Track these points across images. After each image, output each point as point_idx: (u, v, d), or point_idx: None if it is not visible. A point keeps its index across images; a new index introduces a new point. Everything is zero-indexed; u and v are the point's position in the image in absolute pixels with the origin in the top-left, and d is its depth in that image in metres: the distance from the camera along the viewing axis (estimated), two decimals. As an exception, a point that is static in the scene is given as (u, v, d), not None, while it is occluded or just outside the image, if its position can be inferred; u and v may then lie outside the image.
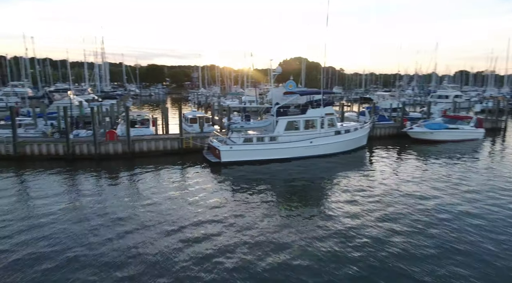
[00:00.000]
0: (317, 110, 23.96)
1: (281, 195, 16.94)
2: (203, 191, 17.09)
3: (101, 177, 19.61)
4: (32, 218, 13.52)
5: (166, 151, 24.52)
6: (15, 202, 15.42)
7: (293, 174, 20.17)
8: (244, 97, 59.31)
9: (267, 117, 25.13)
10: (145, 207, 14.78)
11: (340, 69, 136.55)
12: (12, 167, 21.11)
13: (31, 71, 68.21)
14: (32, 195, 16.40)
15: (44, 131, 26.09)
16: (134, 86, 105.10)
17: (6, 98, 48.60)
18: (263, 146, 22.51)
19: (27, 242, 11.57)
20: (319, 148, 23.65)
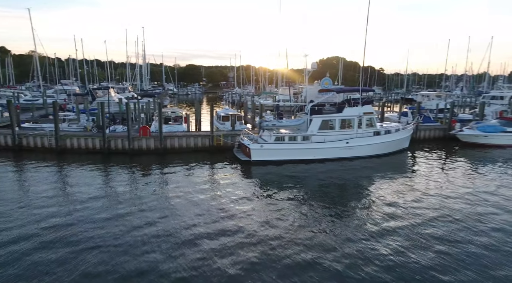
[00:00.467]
0: (354, 109, 22.41)
1: (313, 197, 15.85)
2: (231, 189, 16.59)
3: (134, 171, 19.86)
4: (68, 205, 14.26)
5: (197, 148, 24.41)
6: (55, 190, 16.22)
7: (326, 176, 18.96)
8: (278, 96, 58.44)
9: (300, 116, 24.05)
10: (172, 201, 14.79)
11: (380, 69, 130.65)
12: (54, 158, 22.20)
13: (79, 70, 73.08)
14: (70, 185, 17.13)
15: (85, 126, 27.29)
16: (172, 86, 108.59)
17: (56, 95, 52.40)
18: (295, 145, 21.48)
19: (62, 224, 12.45)
20: (356, 149, 22.10)
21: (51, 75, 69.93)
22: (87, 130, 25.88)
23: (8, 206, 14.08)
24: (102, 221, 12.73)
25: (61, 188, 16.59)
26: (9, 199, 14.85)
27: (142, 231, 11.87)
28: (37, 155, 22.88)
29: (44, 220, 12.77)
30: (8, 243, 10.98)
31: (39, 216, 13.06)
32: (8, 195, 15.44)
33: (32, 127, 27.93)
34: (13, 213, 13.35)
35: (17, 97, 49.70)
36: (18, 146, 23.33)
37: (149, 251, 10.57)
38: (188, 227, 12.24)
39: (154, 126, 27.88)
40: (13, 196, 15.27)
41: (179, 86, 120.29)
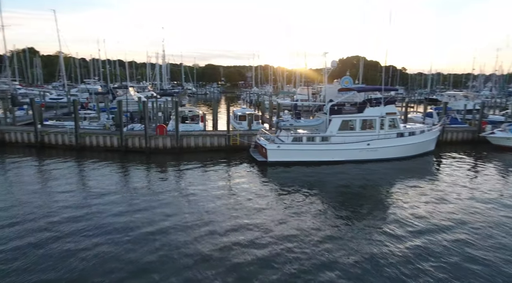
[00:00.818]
0: (376, 109, 21.40)
1: (331, 201, 15.14)
2: (246, 190, 16.17)
3: (150, 170, 19.82)
4: (85, 201, 14.53)
5: (213, 147, 24.15)
6: (74, 186, 16.51)
7: (346, 179, 18.15)
8: (296, 96, 57.59)
9: (319, 115, 23.27)
10: (187, 200, 14.73)
11: (402, 69, 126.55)
12: (73, 155, 22.58)
13: (102, 70, 75.17)
14: (88, 182, 17.39)
15: (105, 124, 27.70)
16: (191, 85, 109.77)
17: (80, 94, 53.98)
18: (314, 146, 20.75)
19: (79, 218, 12.77)
20: (378, 151, 21.10)
21: (75, 75, 72.25)
22: (106, 128, 26.22)
23: (30, 200, 14.43)
24: (117, 216, 12.85)
25: (79, 185, 16.82)
26: (31, 193, 15.31)
27: (155, 228, 11.87)
28: (58, 152, 23.36)
29: (60, 214, 13.01)
30: (29, 233, 11.44)
31: (56, 211, 13.22)
32: (30, 188, 15.84)
33: (55, 125, 28.68)
34: (33, 207, 13.62)
35: (43, 96, 51.58)
36: (40, 142, 23.92)
37: (161, 248, 10.55)
38: (202, 226, 12.12)
39: (171, 125, 27.88)
40: (35, 190, 15.71)
41: (197, 86, 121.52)
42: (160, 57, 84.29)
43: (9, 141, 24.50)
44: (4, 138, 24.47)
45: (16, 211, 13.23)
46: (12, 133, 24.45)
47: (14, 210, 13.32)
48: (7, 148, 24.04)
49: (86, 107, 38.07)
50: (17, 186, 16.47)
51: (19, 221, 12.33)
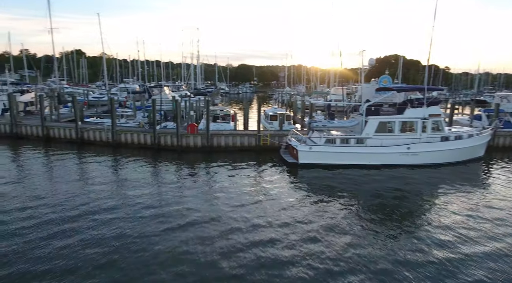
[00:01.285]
0: (418, 110, 19.83)
1: (365, 208, 14.16)
2: (274, 192, 15.70)
3: (181, 168, 19.99)
4: (118, 196, 14.98)
5: (243, 147, 23.88)
6: (109, 180, 17.27)
7: (382, 185, 16.97)
8: (330, 96, 55.94)
9: (354, 116, 22.10)
10: (216, 200, 14.62)
11: (445, 68, 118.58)
12: (110, 152, 23.47)
13: (140, 70, 78.51)
14: (122, 177, 17.94)
15: (140, 122, 28.57)
16: (224, 85, 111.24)
17: (119, 93, 56.66)
18: (348, 148, 19.69)
19: (111, 212, 13.24)
20: (419, 156, 19.55)
21: (116, 75, 76.10)
22: (140, 126, 26.98)
23: (68, 192, 15.26)
24: (146, 212, 13.09)
25: (114, 180, 17.36)
26: (70, 185, 16.26)
27: (182, 222, 12.08)
28: (96, 148, 24.42)
29: (94, 208, 13.52)
30: (63, 222, 12.21)
31: (90, 206, 13.70)
32: (69, 182, 16.66)
33: (94, 122, 30.12)
34: (70, 199, 14.35)
35: (87, 94, 54.74)
36: (80, 139, 25.15)
37: (185, 247, 10.54)
38: (229, 227, 11.95)
39: (203, 124, 28.07)
40: (73, 183, 16.57)
41: (230, 86, 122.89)
42: (194, 57, 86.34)
43: (53, 137, 26.07)
44: (49, 134, 26.07)
45: (56, 201, 14.02)
46: (56, 129, 25.99)
47: (54, 200, 14.13)
48: (51, 143, 25.59)
49: (124, 106, 39.70)
50: (58, 178, 17.39)
51: (58, 211, 13.13)
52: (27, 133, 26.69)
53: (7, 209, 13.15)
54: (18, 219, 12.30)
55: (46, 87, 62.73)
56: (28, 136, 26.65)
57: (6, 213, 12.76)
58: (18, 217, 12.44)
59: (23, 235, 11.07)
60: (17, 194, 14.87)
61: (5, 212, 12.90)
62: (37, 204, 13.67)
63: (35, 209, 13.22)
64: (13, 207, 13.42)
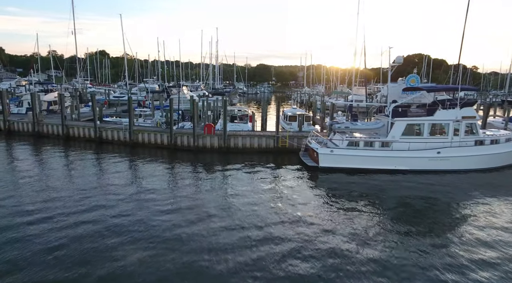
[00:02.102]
0: (450, 112, 18.38)
1: (389, 216, 13.09)
2: (292, 196, 14.89)
3: (196, 169, 19.53)
4: (133, 198, 14.62)
5: (261, 149, 23.14)
6: (126, 180, 17.16)
7: (409, 191, 15.76)
8: (350, 96, 54.20)
9: (379, 118, 20.84)
10: (231, 203, 14.17)
11: (473, 67, 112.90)
12: (127, 151, 23.38)
13: (160, 70, 79.50)
14: (138, 177, 17.89)
15: (157, 121, 28.44)
16: (242, 85, 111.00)
17: (139, 92, 57.37)
18: (372, 152, 18.51)
19: (127, 211, 13.26)
20: (450, 161, 18.11)
21: (138, 75, 77.35)
22: (158, 126, 26.80)
23: (84, 191, 15.30)
24: (162, 213, 12.86)
25: (129, 181, 17.11)
26: (86, 184, 16.32)
27: (195, 228, 11.66)
28: (113, 147, 24.42)
29: (112, 206, 13.55)
30: (85, 221, 12.16)
31: (107, 203, 13.79)
32: (86, 181, 16.66)
33: (113, 121, 30.29)
34: (86, 198, 14.32)
35: (108, 94, 55.80)
36: (99, 138, 25.23)
37: (198, 250, 10.27)
38: (245, 234, 11.36)
39: (220, 124, 27.57)
40: (90, 182, 16.56)
41: (249, 86, 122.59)
42: (213, 57, 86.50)
43: (72, 135, 26.33)
44: (69, 133, 26.34)
45: (71, 201, 13.95)
46: (76, 128, 26.23)
47: (70, 200, 14.02)
48: (71, 142, 25.85)
49: (143, 105, 39.91)
50: (75, 178, 17.32)
51: (73, 210, 13.08)
52: (48, 132, 27.13)
53: (23, 209, 13.06)
54: (34, 217, 12.21)
55: (70, 87, 64.51)
56: (49, 135, 27.08)
57: (20, 213, 12.67)
58: (33, 215, 12.35)
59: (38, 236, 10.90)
60: (33, 192, 14.91)
61: (20, 211, 12.82)
62: (52, 205, 13.52)
63: (48, 209, 13.07)
64: (28, 204, 13.38)
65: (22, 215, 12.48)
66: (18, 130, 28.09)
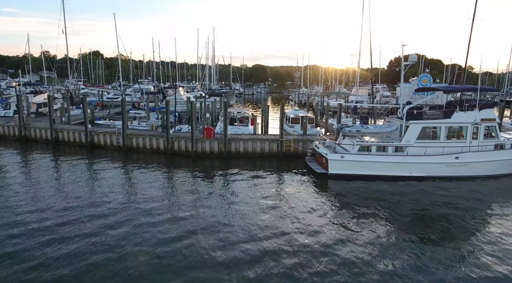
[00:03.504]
0: (468, 114, 17.18)
1: (405, 227, 11.99)
2: (301, 207, 13.64)
3: (196, 175, 18.14)
4: (127, 207, 13.48)
5: (264, 154, 21.76)
6: (119, 189, 15.71)
7: (425, 200, 14.62)
8: (351, 96, 53.15)
9: (390, 120, 19.58)
10: (232, 212, 13.19)
11: (469, 67, 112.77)
12: (121, 157, 21.85)
13: (156, 71, 77.76)
14: (132, 184, 16.66)
15: (153, 123, 26.92)
16: (238, 85, 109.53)
17: (133, 93, 55.58)
18: (386, 157, 17.22)
19: (120, 223, 12.15)
20: (469, 167, 16.91)
21: (133, 76, 75.52)
22: (153, 129, 25.31)
23: (75, 200, 14.08)
24: (158, 225, 11.87)
25: (123, 189, 15.77)
26: (76, 192, 15.08)
27: (195, 242, 10.70)
28: (106, 152, 22.85)
29: (101, 218, 12.39)
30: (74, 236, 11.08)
31: (98, 214, 12.65)
32: (75, 189, 15.40)
33: (106, 124, 28.68)
34: (75, 208, 13.15)
35: (101, 95, 53.93)
36: (90, 142, 23.62)
37: (198, 266, 9.43)
38: (247, 247, 10.44)
39: (219, 127, 26.14)
40: (80, 190, 15.29)
41: (245, 86, 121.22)
42: (210, 58, 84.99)
43: (62, 140, 24.66)
44: (58, 137, 24.67)
45: (55, 212, 12.68)
46: (65, 132, 24.56)
47: (54, 211, 12.70)
48: (60, 147, 24.19)
49: (138, 107, 38.28)
50: (64, 186, 15.90)
51: (59, 222, 11.91)
52: (36, 136, 25.44)
53: (7, 221, 11.66)
54: (18, 230, 10.94)
55: (62, 88, 62.40)
56: (37, 139, 25.40)
57: (6, 225, 11.34)
58: (15, 227, 11.04)
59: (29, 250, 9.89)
60: (18, 201, 13.56)
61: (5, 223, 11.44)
62: (36, 217, 12.15)
63: (32, 222, 11.66)
64: (13, 216, 12.11)
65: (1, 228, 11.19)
66: (3, 134, 26.36)
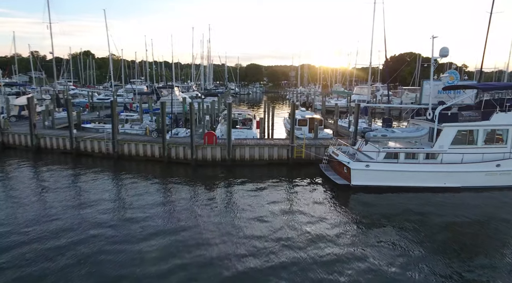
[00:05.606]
0: (510, 115, 15.07)
1: (440, 245, 10.07)
2: (321, 227, 11.51)
3: (196, 187, 15.89)
4: (122, 222, 12.03)
5: (272, 161, 19.44)
6: (108, 205, 13.59)
7: (462, 214, 12.73)
8: (353, 96, 51.26)
9: (417, 123, 17.40)
10: (238, 229, 11.52)
11: (463, 66, 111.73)
12: (110, 165, 19.37)
13: (149, 70, 74.90)
14: (125, 199, 14.43)
15: (147, 127, 24.42)
16: (234, 85, 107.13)
17: (126, 94, 52.66)
18: (417, 166, 14.99)
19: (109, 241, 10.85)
20: (511, 176, 14.84)
21: (125, 76, 72.56)
22: (147, 133, 22.81)
23: (57, 214, 12.46)
24: (154, 243, 10.46)
25: (113, 204, 13.77)
26: (61, 208, 13.16)
27: (195, 263, 9.43)
28: (94, 161, 20.29)
29: (89, 240, 10.72)
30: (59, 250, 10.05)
31: (83, 230, 11.20)
32: (57, 205, 13.35)
33: (95, 128, 26.08)
34: (53, 231, 11.27)
35: (91, 96, 50.99)
36: (76, 149, 20.99)
37: None
38: (250, 261, 9.42)
39: (220, 130, 23.76)
40: (62, 205, 13.37)
41: (240, 86, 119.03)
42: (204, 57, 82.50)
43: (44, 147, 21.95)
44: (40, 144, 21.97)
45: (35, 228, 11.22)
46: (48, 138, 21.83)
47: (33, 229, 11.16)
48: (42, 155, 21.49)
49: (130, 109, 35.58)
50: (45, 198, 13.92)
51: (38, 237, 10.61)
52: (15, 142, 22.70)
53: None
54: None
55: (51, 89, 59.25)
56: (16, 146, 22.66)
57: None
58: None
59: None
60: None
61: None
62: (14, 238, 10.42)
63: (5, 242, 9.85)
64: None
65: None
66: (-21, 140, 23.57)
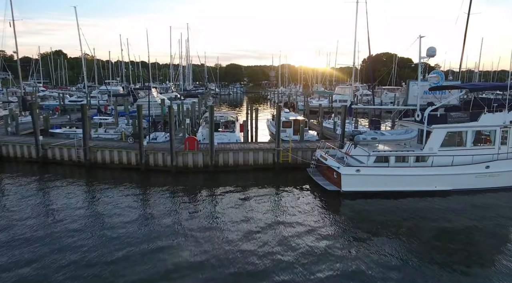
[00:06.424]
0: (497, 116, 14.94)
1: (431, 252, 9.60)
2: (312, 237, 10.81)
3: (176, 196, 14.89)
4: (91, 239, 10.99)
5: (257, 166, 18.55)
6: (79, 217, 12.62)
7: (452, 218, 12.51)
8: (335, 96, 51.41)
9: (405, 124, 17.04)
10: (222, 241, 10.77)
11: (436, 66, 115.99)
12: (82, 175, 17.77)
13: (125, 71, 72.00)
14: (98, 212, 13.20)
15: (122, 131, 22.88)
16: (214, 85, 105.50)
17: (100, 96, 50.03)
18: (407, 170, 14.56)
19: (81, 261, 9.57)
20: (501, 177, 14.70)
21: (99, 77, 69.38)
22: (122, 138, 21.29)
23: (20, 236, 11.05)
24: (132, 259, 9.74)
25: (85, 214, 12.87)
26: (27, 225, 11.87)
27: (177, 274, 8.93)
28: (63, 170, 18.59)
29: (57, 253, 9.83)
30: None
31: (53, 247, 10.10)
32: (19, 220, 12.13)
33: (65, 133, 24.20)
34: (14, 248, 10.18)
35: (63, 98, 48.07)
36: (42, 158, 19.17)
37: None
38: None
39: (202, 133, 22.59)
40: (26, 220, 12.20)
41: (220, 86, 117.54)
42: (183, 57, 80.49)
43: (6, 155, 19.92)
44: (1, 152, 19.92)
45: None
46: (10, 145, 19.82)
47: None
48: (5, 164, 19.49)
49: (105, 111, 33.54)
50: (5, 215, 12.24)
51: None
52: (-28, 151, 20.51)
53: None
54: None
55: (19, 91, 55.46)
56: (-26, 155, 20.51)
57: None
58: None
59: None
60: None
61: None
62: None
63: None
64: None
65: None
66: None
